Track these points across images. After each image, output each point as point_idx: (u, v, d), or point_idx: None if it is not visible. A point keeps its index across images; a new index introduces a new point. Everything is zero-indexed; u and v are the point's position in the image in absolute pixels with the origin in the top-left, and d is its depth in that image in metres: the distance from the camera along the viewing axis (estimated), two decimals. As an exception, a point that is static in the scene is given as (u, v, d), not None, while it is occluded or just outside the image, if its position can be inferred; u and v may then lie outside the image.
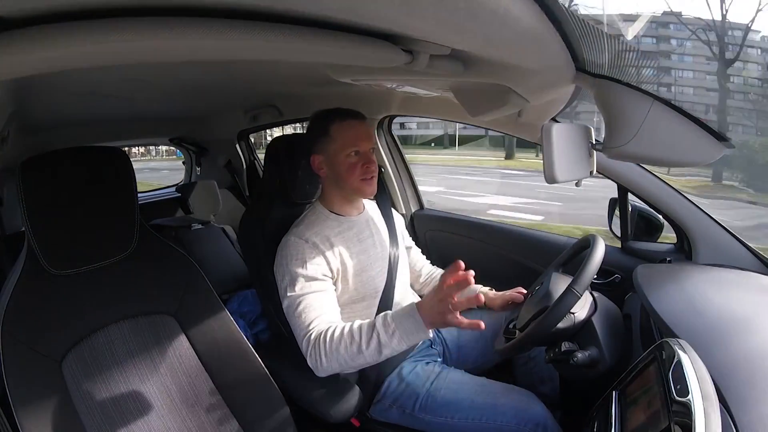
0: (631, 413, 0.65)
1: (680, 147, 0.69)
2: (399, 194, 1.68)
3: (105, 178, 0.93)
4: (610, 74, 0.67)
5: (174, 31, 0.40)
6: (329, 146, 1.05)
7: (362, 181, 1.05)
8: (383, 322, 0.88)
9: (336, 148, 1.04)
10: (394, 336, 0.86)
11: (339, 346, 0.89)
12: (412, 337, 0.86)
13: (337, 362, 0.90)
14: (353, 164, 1.03)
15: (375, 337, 0.87)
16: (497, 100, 0.81)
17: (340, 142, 1.03)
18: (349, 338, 0.89)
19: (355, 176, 1.04)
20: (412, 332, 0.85)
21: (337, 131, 1.04)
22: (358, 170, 1.04)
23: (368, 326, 0.89)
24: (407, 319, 0.86)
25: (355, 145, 1.03)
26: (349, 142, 1.03)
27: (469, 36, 0.51)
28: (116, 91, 1.09)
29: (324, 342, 0.91)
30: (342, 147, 1.03)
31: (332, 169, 1.06)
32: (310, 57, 0.57)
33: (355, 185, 1.05)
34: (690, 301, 0.86)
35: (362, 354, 0.88)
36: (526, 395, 0.99)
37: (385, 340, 0.86)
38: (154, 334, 0.93)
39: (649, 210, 1.18)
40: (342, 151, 1.03)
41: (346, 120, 1.05)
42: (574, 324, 0.90)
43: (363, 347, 0.88)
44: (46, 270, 0.86)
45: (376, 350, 0.87)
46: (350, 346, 0.89)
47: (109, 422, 0.82)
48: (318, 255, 1.00)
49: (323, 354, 0.91)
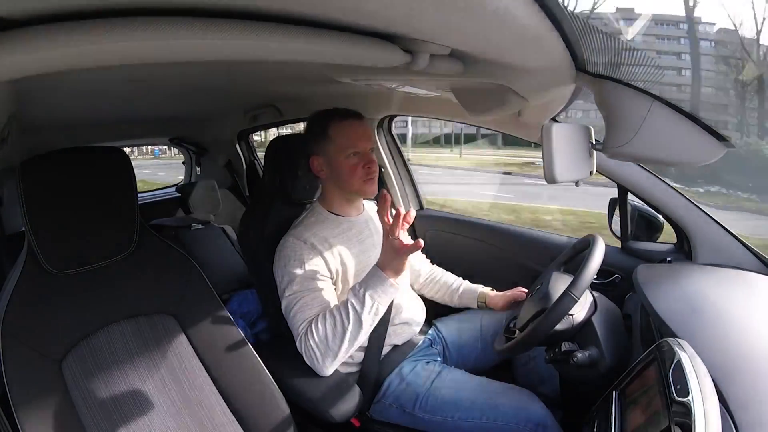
0: (631, 413, 0.65)
1: (680, 147, 0.69)
2: (399, 194, 1.68)
3: (105, 178, 0.93)
4: (610, 74, 0.67)
5: (174, 31, 0.40)
6: (328, 147, 1.04)
7: (364, 182, 1.05)
8: (353, 292, 0.93)
9: (335, 149, 1.04)
10: (365, 299, 0.90)
11: (326, 331, 0.92)
12: (382, 294, 0.91)
13: (329, 349, 0.92)
14: (354, 165, 1.03)
15: (351, 308, 0.91)
16: (497, 100, 0.81)
17: (339, 143, 1.03)
18: (331, 321, 0.92)
19: (356, 177, 1.04)
20: (378, 287, 0.91)
21: (336, 132, 1.04)
22: (359, 171, 1.03)
23: (342, 303, 0.94)
24: (371, 277, 0.92)
25: (354, 146, 1.03)
26: (348, 143, 1.03)
27: (470, 36, 0.51)
28: (116, 92, 1.09)
29: (312, 334, 0.93)
30: (342, 148, 1.03)
31: (332, 171, 1.06)
32: (310, 57, 0.57)
33: (357, 186, 1.05)
34: (690, 301, 0.86)
35: (347, 331, 0.91)
36: (526, 395, 0.99)
37: (359, 307, 0.91)
38: (154, 334, 0.93)
39: (649, 210, 1.18)
40: (342, 152, 1.03)
41: (345, 120, 1.04)
42: (574, 324, 0.90)
43: (345, 323, 0.91)
44: (46, 270, 0.86)
45: (356, 320, 0.91)
46: (335, 327, 0.92)
47: (109, 422, 0.82)
48: (316, 256, 1.00)
49: (314, 346, 0.93)
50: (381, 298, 0.91)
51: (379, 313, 0.93)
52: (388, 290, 0.92)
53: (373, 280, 0.92)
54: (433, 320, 1.28)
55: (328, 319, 0.93)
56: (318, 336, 0.93)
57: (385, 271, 0.91)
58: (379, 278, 0.91)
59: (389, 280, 0.91)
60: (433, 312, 1.28)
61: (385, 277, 0.91)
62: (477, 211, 5.49)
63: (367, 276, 0.94)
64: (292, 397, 0.98)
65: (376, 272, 0.92)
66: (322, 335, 0.93)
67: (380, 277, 0.91)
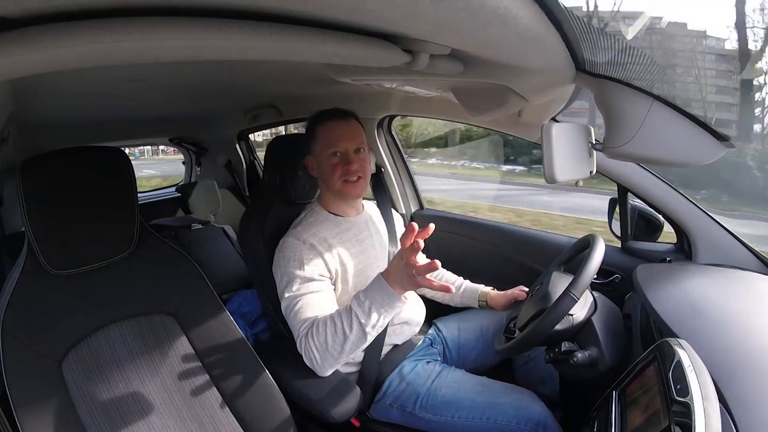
0: (631, 413, 0.65)
1: (680, 147, 0.69)
2: (399, 194, 1.68)
3: (105, 178, 0.93)
4: (610, 74, 0.67)
5: (174, 31, 0.40)
6: (314, 147, 1.06)
7: (344, 183, 1.04)
8: (358, 301, 0.89)
9: (319, 148, 1.05)
10: (371, 312, 0.87)
11: (326, 337, 0.91)
12: (388, 309, 0.87)
13: (329, 354, 0.91)
14: (334, 165, 1.04)
15: (355, 319, 0.88)
16: (497, 100, 0.81)
17: (321, 143, 1.05)
18: (332, 327, 0.91)
19: (335, 177, 1.04)
20: (386, 303, 0.86)
21: (321, 132, 1.05)
22: (339, 171, 1.04)
23: (346, 310, 0.91)
24: (378, 292, 0.87)
25: (334, 145, 1.03)
26: (329, 142, 1.04)
27: (470, 36, 0.51)
28: (116, 92, 1.10)
29: (312, 337, 0.92)
30: (323, 147, 1.04)
31: (319, 170, 1.07)
32: (310, 57, 0.57)
33: (337, 186, 1.05)
34: (690, 301, 0.86)
35: (348, 339, 0.89)
36: (526, 394, 0.99)
37: (364, 319, 0.88)
38: (154, 334, 0.93)
39: (649, 210, 1.18)
40: (324, 151, 1.04)
41: (329, 120, 1.05)
42: (574, 324, 0.90)
43: (347, 332, 0.89)
44: (46, 270, 0.86)
45: (359, 331, 0.88)
46: (336, 334, 0.90)
47: (109, 422, 0.82)
48: (315, 256, 1.00)
49: (314, 349, 0.92)
50: (386, 310, 0.87)
51: (384, 324, 0.90)
52: (395, 305, 0.87)
53: (380, 293, 0.87)
54: (434, 320, 1.28)
55: (329, 325, 0.91)
56: (318, 340, 0.92)
57: (393, 285, 0.85)
58: (387, 293, 0.86)
59: (397, 295, 0.86)
60: (433, 312, 1.29)
61: (392, 291, 0.85)
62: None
63: (372, 288, 0.88)
64: (292, 397, 0.98)
65: (383, 286, 0.86)
66: (322, 339, 0.92)
67: (388, 291, 0.86)
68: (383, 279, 0.87)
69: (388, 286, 0.86)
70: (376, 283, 0.88)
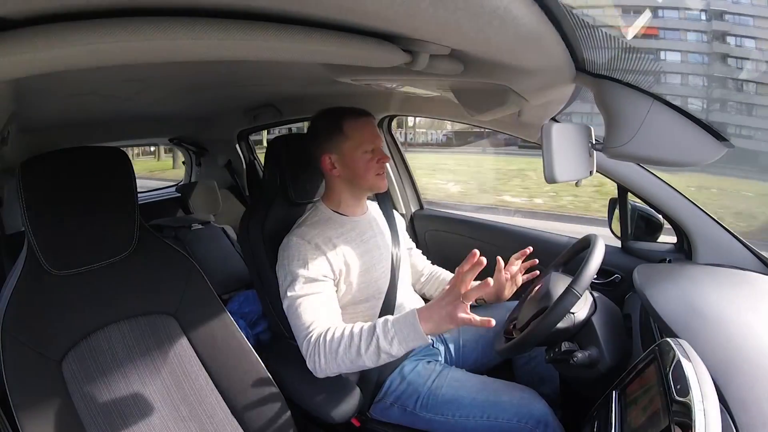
0: (631, 413, 0.65)
1: (680, 147, 0.69)
2: (399, 194, 1.68)
3: (105, 178, 0.93)
4: (610, 74, 0.67)
5: (174, 31, 0.40)
6: (344, 144, 1.05)
7: (377, 176, 1.08)
8: (383, 327, 0.88)
9: (352, 145, 1.05)
10: (393, 342, 0.87)
11: (338, 348, 0.90)
12: (410, 344, 0.87)
13: (335, 364, 0.91)
14: (369, 161, 1.06)
15: (374, 342, 0.87)
16: (497, 100, 0.81)
17: (357, 140, 1.05)
18: (348, 341, 0.89)
19: (371, 172, 1.06)
20: (410, 339, 0.86)
21: (353, 129, 1.06)
22: (374, 166, 1.06)
23: (368, 330, 0.89)
24: (407, 326, 0.86)
25: (371, 142, 1.06)
26: (366, 139, 1.05)
27: (469, 36, 0.51)
28: (116, 92, 1.09)
29: (324, 344, 0.91)
30: (359, 144, 1.05)
31: (347, 167, 1.07)
32: (310, 57, 0.57)
33: (371, 181, 1.07)
34: (690, 301, 0.86)
35: (361, 357, 0.88)
36: (527, 392, 0.99)
37: (384, 346, 0.87)
38: (154, 334, 0.93)
39: (649, 210, 1.18)
40: (359, 148, 1.05)
41: (360, 118, 1.07)
42: (574, 324, 0.90)
43: (362, 350, 0.88)
44: (46, 270, 0.86)
45: (374, 354, 0.88)
46: (349, 348, 0.89)
47: (108, 422, 0.82)
48: (320, 256, 1.00)
49: (322, 356, 0.91)
50: (407, 345, 0.87)
51: (399, 355, 0.89)
52: (418, 343, 0.87)
53: (408, 329, 0.85)
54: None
55: (346, 337, 0.90)
56: (329, 347, 0.90)
57: (425, 321, 0.84)
58: (415, 330, 0.85)
59: (423, 335, 0.85)
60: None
61: (420, 330, 0.84)
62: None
63: (402, 320, 0.87)
64: (293, 397, 0.98)
65: (414, 322, 0.85)
66: (334, 349, 0.90)
67: (416, 329, 0.85)
68: (416, 315, 0.86)
69: (418, 323, 0.85)
70: (408, 317, 0.87)
